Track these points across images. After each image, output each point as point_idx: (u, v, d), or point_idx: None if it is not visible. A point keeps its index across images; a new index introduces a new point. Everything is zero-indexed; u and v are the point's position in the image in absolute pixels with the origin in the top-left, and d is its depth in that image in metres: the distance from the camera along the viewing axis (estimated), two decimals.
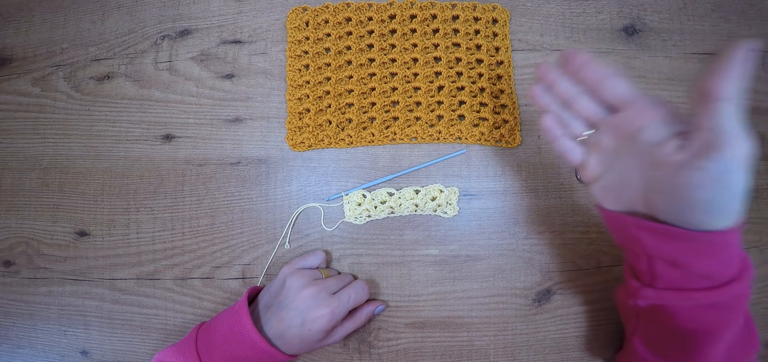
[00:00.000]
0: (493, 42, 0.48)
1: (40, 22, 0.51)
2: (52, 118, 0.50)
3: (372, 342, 0.45)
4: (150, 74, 0.49)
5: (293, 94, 0.47)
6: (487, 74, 0.47)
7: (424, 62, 0.47)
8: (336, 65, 0.47)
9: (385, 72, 0.47)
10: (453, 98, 0.47)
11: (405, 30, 0.48)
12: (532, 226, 0.46)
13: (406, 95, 0.47)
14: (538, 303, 0.45)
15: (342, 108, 0.47)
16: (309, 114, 0.47)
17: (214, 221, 0.47)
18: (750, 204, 0.46)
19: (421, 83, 0.47)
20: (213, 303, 0.46)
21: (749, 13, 0.49)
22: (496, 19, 0.48)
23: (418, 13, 0.48)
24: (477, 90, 0.47)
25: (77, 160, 0.49)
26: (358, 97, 0.47)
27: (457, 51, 0.48)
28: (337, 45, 0.48)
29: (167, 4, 0.50)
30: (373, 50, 0.48)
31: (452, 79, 0.47)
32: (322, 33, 0.48)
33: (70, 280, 0.48)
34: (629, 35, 0.48)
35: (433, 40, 0.48)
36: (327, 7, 0.48)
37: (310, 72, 0.47)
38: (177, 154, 0.48)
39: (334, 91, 0.47)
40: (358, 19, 0.48)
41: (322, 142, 0.47)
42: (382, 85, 0.47)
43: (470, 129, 0.46)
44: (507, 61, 0.47)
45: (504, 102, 0.47)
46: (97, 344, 0.47)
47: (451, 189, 0.46)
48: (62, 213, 0.48)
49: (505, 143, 0.46)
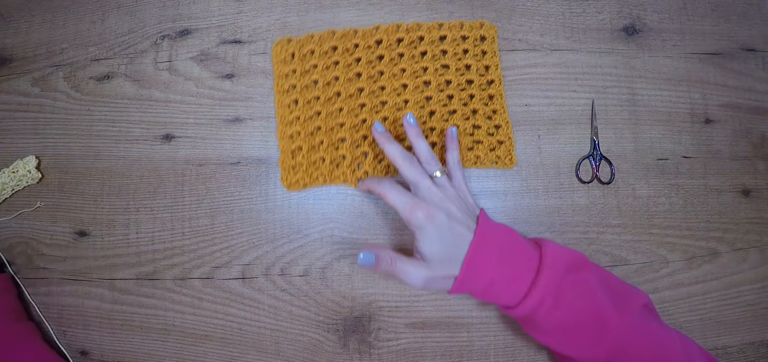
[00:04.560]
0: (483, 61, 0.47)
1: (40, 22, 0.51)
2: (52, 118, 0.50)
3: (372, 342, 0.45)
4: (150, 74, 0.49)
5: (284, 132, 0.46)
6: (478, 95, 0.46)
7: (414, 87, 0.46)
8: (325, 98, 0.46)
9: (375, 101, 0.46)
10: (445, 122, 0.46)
11: (393, 55, 0.47)
12: (532, 226, 0.46)
13: (398, 124, 0.46)
14: None
15: (335, 143, 0.46)
16: (302, 152, 0.46)
17: (214, 221, 0.47)
18: (750, 204, 0.46)
19: (413, 109, 0.46)
20: (213, 304, 0.46)
21: (749, 13, 0.49)
22: (484, 37, 0.47)
23: (404, 37, 0.47)
24: (469, 112, 0.46)
25: (77, 159, 0.49)
26: (350, 130, 0.46)
27: (447, 73, 0.46)
28: (324, 76, 0.46)
29: (167, 4, 0.50)
30: (361, 79, 0.46)
31: (443, 102, 0.46)
32: (309, 64, 0.47)
33: (70, 280, 0.48)
34: (629, 35, 0.48)
35: (422, 63, 0.46)
36: (312, 36, 0.47)
37: (299, 107, 0.46)
38: (177, 154, 0.48)
39: (326, 125, 0.46)
40: (345, 47, 0.47)
41: (317, 180, 0.46)
42: (373, 115, 0.46)
43: (465, 153, 0.46)
44: (498, 79, 0.46)
45: (498, 122, 0.46)
46: (97, 344, 0.47)
47: None
48: (62, 213, 0.48)
49: (502, 164, 0.46)
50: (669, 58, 0.48)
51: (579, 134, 0.47)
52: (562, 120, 0.47)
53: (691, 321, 0.45)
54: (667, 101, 0.47)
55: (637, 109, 0.47)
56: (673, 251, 0.46)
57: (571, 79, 0.47)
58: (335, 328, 0.46)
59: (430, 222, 0.37)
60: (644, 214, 0.46)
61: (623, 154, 0.47)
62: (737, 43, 0.48)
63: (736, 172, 0.47)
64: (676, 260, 0.46)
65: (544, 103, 0.47)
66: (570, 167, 0.46)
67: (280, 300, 0.46)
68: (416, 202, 0.38)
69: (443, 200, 0.38)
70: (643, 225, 0.46)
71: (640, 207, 0.46)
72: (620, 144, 0.47)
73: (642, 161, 0.47)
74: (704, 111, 0.47)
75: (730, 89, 0.48)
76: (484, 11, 0.48)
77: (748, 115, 0.47)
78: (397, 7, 0.49)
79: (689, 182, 0.46)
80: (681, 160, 0.47)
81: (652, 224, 0.46)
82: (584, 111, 0.47)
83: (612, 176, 0.46)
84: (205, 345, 0.46)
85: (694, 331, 0.45)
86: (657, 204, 0.46)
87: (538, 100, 0.47)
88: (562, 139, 0.47)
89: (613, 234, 0.46)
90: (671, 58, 0.48)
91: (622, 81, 0.47)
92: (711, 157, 0.47)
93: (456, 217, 0.38)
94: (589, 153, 0.46)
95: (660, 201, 0.46)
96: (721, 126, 0.47)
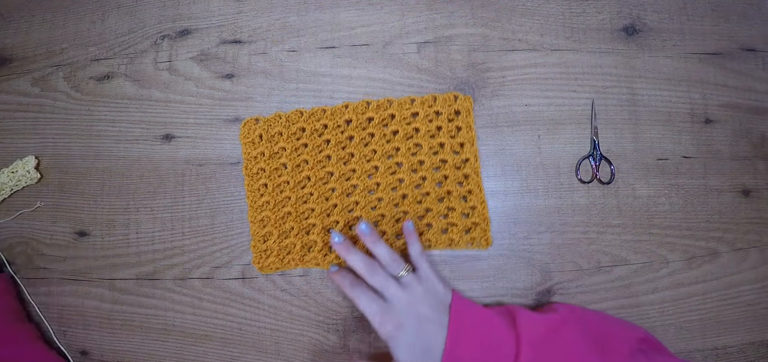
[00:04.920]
0: (457, 138, 0.45)
1: (40, 22, 0.51)
2: (52, 118, 0.50)
3: (372, 342, 0.45)
4: (150, 74, 0.49)
5: (255, 216, 0.45)
6: (452, 175, 0.45)
7: (385, 169, 0.45)
8: (295, 182, 0.45)
9: (346, 184, 0.45)
10: (419, 205, 0.45)
11: (363, 135, 0.45)
12: (532, 226, 0.46)
13: (370, 206, 0.45)
14: (538, 303, 0.45)
15: (306, 228, 0.45)
16: (272, 237, 0.45)
17: (214, 221, 0.47)
18: (750, 204, 0.46)
19: (384, 192, 0.45)
20: (213, 304, 0.46)
21: (749, 13, 0.49)
22: (458, 111, 0.45)
23: (374, 115, 0.45)
24: (444, 193, 0.45)
25: (77, 159, 0.49)
26: (321, 216, 0.45)
27: (420, 152, 0.45)
28: (293, 159, 0.45)
29: (167, 4, 0.50)
30: (331, 162, 0.45)
31: (416, 183, 0.45)
32: (278, 146, 0.45)
33: (70, 280, 0.48)
34: (629, 35, 0.48)
35: (394, 144, 0.45)
36: (279, 117, 0.46)
37: (269, 191, 0.45)
38: (177, 154, 0.48)
39: (296, 211, 0.45)
40: (313, 128, 0.45)
41: (289, 264, 0.45)
42: (344, 199, 0.45)
43: (439, 235, 0.45)
44: (473, 156, 0.45)
45: (473, 203, 0.45)
46: (97, 344, 0.47)
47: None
48: (62, 213, 0.48)
49: (477, 245, 0.45)
50: (669, 58, 0.48)
51: (579, 134, 0.47)
52: (562, 120, 0.47)
53: (691, 321, 0.45)
54: (667, 101, 0.47)
55: (637, 109, 0.47)
56: (673, 251, 0.46)
57: (571, 79, 0.47)
58: (335, 328, 0.46)
59: (400, 332, 0.37)
60: (644, 214, 0.46)
61: (623, 154, 0.47)
62: (737, 43, 0.48)
63: (736, 172, 0.47)
64: (676, 260, 0.46)
65: (544, 103, 0.47)
66: (570, 167, 0.46)
67: (280, 300, 0.46)
68: (384, 312, 0.38)
69: (411, 305, 0.38)
70: (643, 225, 0.46)
71: (640, 207, 0.46)
72: (620, 144, 0.47)
73: (642, 161, 0.47)
74: (704, 111, 0.47)
75: (730, 89, 0.48)
76: (484, 11, 0.48)
77: (748, 115, 0.47)
78: (397, 6, 0.49)
79: (689, 182, 0.46)
80: (681, 160, 0.47)
81: (652, 224, 0.46)
82: (584, 111, 0.47)
83: (612, 176, 0.46)
84: (205, 345, 0.46)
85: (694, 331, 0.45)
86: (657, 204, 0.46)
87: (538, 100, 0.47)
88: (562, 139, 0.47)
89: (613, 235, 0.46)
90: (671, 58, 0.48)
91: (622, 81, 0.47)
92: (711, 157, 0.47)
93: (426, 317, 0.38)
94: (589, 153, 0.46)
95: (660, 201, 0.46)
96: (721, 126, 0.47)
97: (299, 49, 0.49)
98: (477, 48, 0.48)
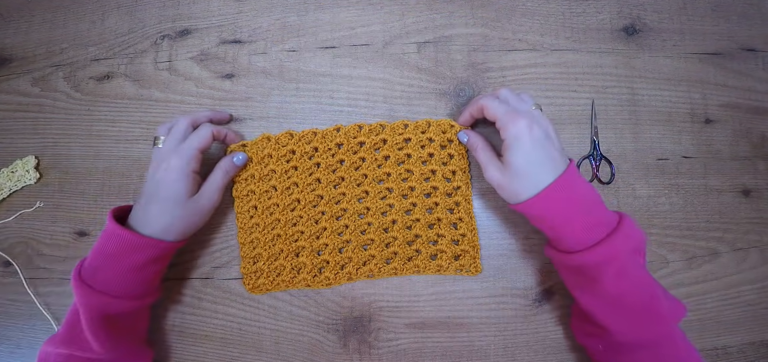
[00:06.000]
0: (449, 165, 0.45)
1: (40, 22, 0.51)
2: (52, 118, 0.50)
3: (372, 342, 0.45)
4: (150, 74, 0.49)
5: (245, 238, 0.45)
6: (443, 203, 0.44)
7: (375, 194, 0.45)
8: (284, 205, 0.45)
9: (336, 208, 0.45)
10: (408, 230, 0.44)
11: (354, 159, 0.45)
12: (532, 226, 0.46)
13: (359, 230, 0.45)
14: (538, 303, 0.45)
15: (294, 250, 0.45)
16: (262, 259, 0.45)
17: (214, 221, 0.47)
18: (750, 204, 0.46)
19: (374, 217, 0.45)
20: (213, 304, 0.46)
21: (749, 13, 0.49)
22: (451, 139, 0.45)
23: (366, 140, 0.45)
24: (434, 220, 0.45)
25: (77, 159, 0.49)
26: (310, 239, 0.45)
27: (411, 178, 0.45)
28: (283, 182, 0.45)
29: (167, 4, 0.50)
30: (321, 186, 0.45)
31: (406, 208, 0.45)
32: (268, 169, 0.45)
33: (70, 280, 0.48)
34: (629, 35, 0.48)
35: (385, 169, 0.45)
36: (268, 139, 0.45)
37: (259, 213, 0.45)
38: None
39: (285, 233, 0.45)
40: (303, 151, 0.45)
41: (278, 286, 0.45)
42: (333, 223, 0.45)
43: (427, 262, 0.44)
44: (464, 184, 0.44)
45: (463, 231, 0.44)
46: None
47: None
48: (62, 213, 0.48)
49: (467, 272, 0.45)
50: (669, 58, 0.48)
51: (579, 134, 0.47)
52: (562, 120, 0.47)
53: (691, 321, 0.45)
54: (667, 101, 0.47)
55: (637, 109, 0.47)
56: (673, 251, 0.46)
57: (571, 79, 0.47)
58: (335, 328, 0.46)
59: (527, 134, 0.36)
60: (644, 214, 0.46)
61: (623, 154, 0.47)
62: (737, 43, 0.48)
63: (736, 172, 0.47)
64: (676, 260, 0.46)
65: (544, 103, 0.47)
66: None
67: (280, 300, 0.46)
68: (520, 112, 0.37)
69: (544, 118, 0.38)
70: (643, 225, 0.46)
71: (640, 207, 0.46)
72: (620, 144, 0.47)
73: (642, 161, 0.47)
74: (704, 111, 0.47)
75: (730, 89, 0.48)
76: (484, 11, 0.48)
77: (748, 115, 0.47)
78: (397, 6, 0.49)
79: (689, 182, 0.46)
80: (681, 160, 0.47)
81: (652, 224, 0.46)
82: (584, 111, 0.47)
83: (612, 176, 0.46)
84: (205, 345, 0.46)
85: (694, 331, 0.45)
86: (657, 204, 0.46)
87: (538, 100, 0.47)
88: (562, 138, 0.46)
89: None
90: (671, 58, 0.48)
91: (622, 81, 0.47)
92: (711, 157, 0.47)
93: (552, 140, 0.37)
94: (589, 153, 0.46)
95: (660, 201, 0.46)
96: (721, 126, 0.47)
97: (299, 49, 0.49)
98: (477, 48, 0.48)
